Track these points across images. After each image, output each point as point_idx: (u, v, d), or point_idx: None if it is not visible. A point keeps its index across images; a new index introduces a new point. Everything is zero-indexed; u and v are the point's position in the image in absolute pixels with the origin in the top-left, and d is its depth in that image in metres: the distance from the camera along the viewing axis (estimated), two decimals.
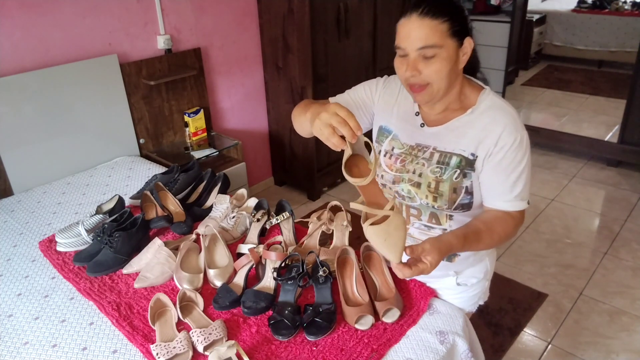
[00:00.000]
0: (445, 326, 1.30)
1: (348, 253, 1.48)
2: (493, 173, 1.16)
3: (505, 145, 1.12)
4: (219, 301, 1.38)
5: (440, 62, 1.09)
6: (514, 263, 2.63)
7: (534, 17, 5.00)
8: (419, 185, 1.22)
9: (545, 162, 3.72)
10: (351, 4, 3.02)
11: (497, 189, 1.17)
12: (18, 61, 2.14)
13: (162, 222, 1.75)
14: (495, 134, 1.13)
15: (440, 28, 1.07)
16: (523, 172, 1.15)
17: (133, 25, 2.48)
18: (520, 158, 1.14)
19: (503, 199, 1.17)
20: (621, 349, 2.08)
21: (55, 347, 1.32)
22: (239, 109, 3.16)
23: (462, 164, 1.18)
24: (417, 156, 1.23)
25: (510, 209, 1.17)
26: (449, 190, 1.19)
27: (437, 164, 1.20)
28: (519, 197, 1.16)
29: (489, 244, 1.16)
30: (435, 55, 1.08)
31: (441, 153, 1.20)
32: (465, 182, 1.19)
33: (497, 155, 1.13)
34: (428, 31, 1.07)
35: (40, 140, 2.25)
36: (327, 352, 1.22)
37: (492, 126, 1.14)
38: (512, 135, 1.12)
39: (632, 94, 3.32)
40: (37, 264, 1.67)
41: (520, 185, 1.15)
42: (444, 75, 1.10)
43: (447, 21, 1.07)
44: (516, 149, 1.13)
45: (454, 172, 1.18)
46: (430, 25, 1.06)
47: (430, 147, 1.22)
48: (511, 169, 1.14)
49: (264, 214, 1.76)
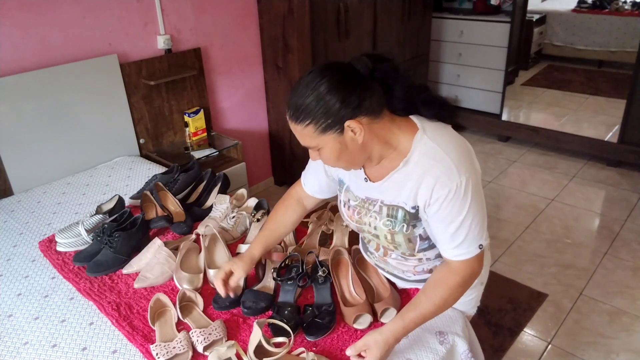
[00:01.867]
0: (445, 326, 1.30)
1: (341, 254, 1.48)
2: (433, 223, 1.11)
3: (439, 198, 1.06)
4: (219, 301, 1.39)
5: (327, 151, 1.08)
6: (514, 263, 2.63)
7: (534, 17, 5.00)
8: (378, 237, 1.23)
9: (545, 162, 3.72)
10: (351, 4, 3.02)
11: (439, 239, 1.13)
12: (18, 61, 2.14)
13: (162, 222, 1.75)
14: (428, 187, 1.07)
15: (307, 132, 1.05)
16: (465, 220, 1.07)
17: (133, 25, 2.48)
18: (459, 208, 1.06)
19: (445, 248, 1.13)
20: (621, 349, 2.08)
21: (55, 347, 1.32)
22: (239, 109, 3.16)
23: (407, 218, 1.15)
24: (369, 209, 1.22)
25: (454, 259, 1.12)
26: (405, 241, 1.19)
27: (388, 217, 1.18)
28: (463, 247, 1.10)
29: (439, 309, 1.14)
30: (320, 149, 1.08)
31: (388, 206, 1.17)
32: (417, 231, 1.17)
33: (433, 207, 1.08)
34: (299, 135, 1.07)
35: (40, 140, 2.25)
36: (326, 352, 1.22)
37: (424, 177, 1.08)
38: (445, 186, 1.05)
39: (632, 94, 3.31)
40: (37, 264, 1.67)
41: (462, 235, 1.09)
42: (339, 159, 1.09)
43: (309, 124, 1.03)
44: (452, 200, 1.06)
45: (402, 226, 1.16)
46: (297, 129, 1.06)
47: (377, 200, 1.19)
48: (449, 220, 1.08)
49: (264, 214, 1.76)
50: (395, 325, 1.11)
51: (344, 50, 3.10)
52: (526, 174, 3.56)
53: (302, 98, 1.03)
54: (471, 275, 1.14)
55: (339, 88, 1.01)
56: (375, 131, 1.08)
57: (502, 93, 3.95)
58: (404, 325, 1.12)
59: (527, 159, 3.79)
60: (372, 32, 3.27)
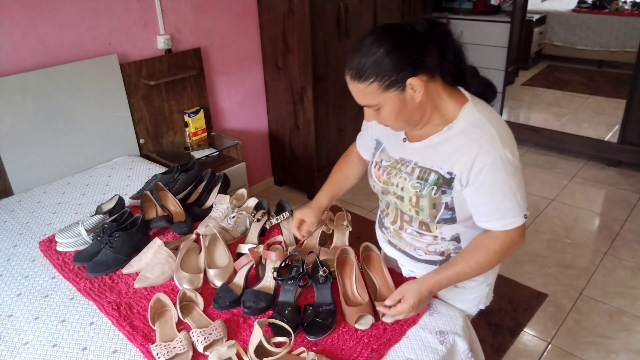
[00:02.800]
0: (445, 326, 1.30)
1: (348, 253, 1.48)
2: (476, 195, 1.13)
3: (483, 167, 1.09)
4: (219, 301, 1.39)
5: (386, 112, 1.11)
6: (514, 263, 2.63)
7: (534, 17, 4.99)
8: (402, 199, 1.24)
9: (545, 162, 3.72)
10: (351, 4, 3.02)
11: (483, 210, 1.15)
12: (18, 61, 2.14)
13: (162, 222, 1.75)
14: (471, 156, 1.10)
15: (370, 90, 1.07)
16: (511, 190, 1.10)
17: (133, 25, 2.48)
18: (503, 177, 1.09)
19: (490, 220, 1.15)
20: (621, 349, 2.08)
21: (55, 347, 1.32)
22: (239, 109, 3.16)
23: (440, 182, 1.16)
24: (401, 170, 1.24)
25: (499, 229, 1.15)
26: (429, 206, 1.19)
27: (417, 179, 1.20)
28: (508, 217, 1.13)
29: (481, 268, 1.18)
30: (380, 108, 1.11)
31: (421, 169, 1.20)
32: (445, 199, 1.17)
33: (477, 177, 1.10)
34: (361, 93, 1.10)
35: (40, 140, 2.25)
36: (327, 352, 1.22)
37: (468, 146, 1.10)
38: (489, 156, 1.08)
39: (632, 94, 3.31)
40: (37, 264, 1.67)
41: (508, 204, 1.11)
42: (398, 118, 1.12)
43: (374, 82, 1.06)
44: (497, 169, 1.08)
45: (431, 189, 1.17)
46: (359, 88, 1.09)
47: (412, 162, 1.22)
48: (494, 190, 1.10)
49: (264, 214, 1.76)
50: (430, 278, 1.14)
51: (344, 50, 3.10)
52: (526, 174, 3.56)
53: (365, 57, 1.05)
54: (510, 244, 1.17)
55: (401, 46, 1.05)
56: (429, 93, 1.12)
57: (502, 93, 3.95)
58: (438, 280, 1.15)
59: (527, 159, 3.79)
60: None
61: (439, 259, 1.31)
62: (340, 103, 3.23)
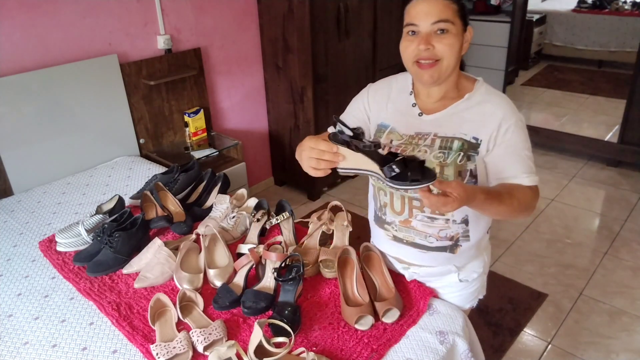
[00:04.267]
0: (445, 326, 1.30)
1: (349, 253, 1.48)
2: (506, 154, 1.19)
3: (510, 127, 1.18)
4: (219, 301, 1.38)
5: (452, 37, 1.15)
6: (514, 263, 2.63)
7: (534, 17, 5.00)
8: None
9: (545, 162, 3.72)
10: (351, 4, 3.02)
11: (513, 169, 1.19)
12: (18, 61, 2.14)
13: (162, 222, 1.75)
14: (497, 118, 1.18)
15: (452, 7, 1.15)
16: (529, 149, 1.21)
17: (133, 25, 2.48)
18: (524, 136, 1.20)
19: (520, 176, 1.19)
20: (621, 349, 2.08)
21: (55, 347, 1.32)
22: (239, 109, 3.16)
23: (465, 147, 1.20)
24: (418, 144, 1.25)
25: (528, 184, 1.19)
26: (454, 174, 1.21)
27: (440, 149, 1.22)
28: (533, 172, 1.20)
29: (508, 207, 1.15)
30: (448, 30, 1.15)
31: (442, 138, 1.22)
32: (470, 165, 1.21)
33: (504, 137, 1.18)
34: (442, 7, 1.14)
35: (40, 140, 2.25)
36: (327, 352, 1.22)
37: (493, 110, 1.19)
38: (513, 116, 1.19)
39: (632, 94, 3.31)
40: (37, 264, 1.67)
41: (531, 160, 1.21)
42: (455, 51, 1.17)
43: (455, 3, 1.15)
44: (519, 129, 1.19)
45: (457, 155, 1.20)
46: (443, 3, 1.14)
47: (430, 134, 1.24)
48: (521, 147, 1.19)
49: (264, 214, 1.76)
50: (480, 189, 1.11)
51: (344, 50, 3.10)
52: None
53: None
54: (536, 200, 1.22)
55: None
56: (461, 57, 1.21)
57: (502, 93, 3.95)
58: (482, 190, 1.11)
59: None
60: (372, 32, 3.27)
61: (449, 244, 1.31)
62: (340, 103, 3.21)
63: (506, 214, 1.19)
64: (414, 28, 1.16)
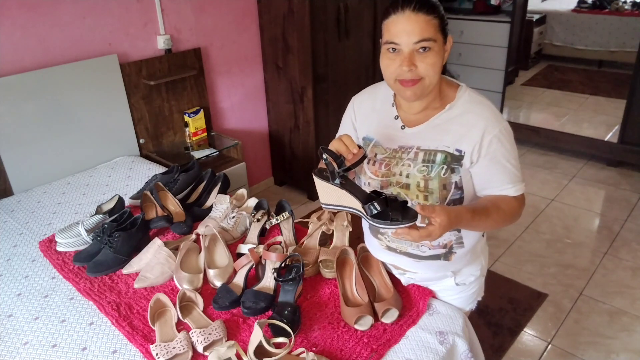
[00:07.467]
0: (444, 326, 1.30)
1: (348, 253, 1.48)
2: (490, 166, 1.18)
3: (493, 139, 1.15)
4: (219, 301, 1.39)
5: (434, 56, 1.12)
6: (514, 263, 2.63)
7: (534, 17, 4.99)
8: (408, 187, 1.23)
9: (545, 162, 3.72)
10: (351, 4, 3.02)
11: (499, 180, 1.19)
12: (18, 61, 2.14)
13: (162, 222, 1.75)
14: (479, 129, 1.16)
15: (433, 23, 1.11)
16: (514, 158, 1.19)
17: (133, 25, 2.48)
18: (510, 145, 1.18)
19: (506, 188, 1.19)
20: (621, 349, 2.08)
21: (55, 347, 1.32)
22: (239, 109, 3.16)
23: (448, 160, 1.19)
24: (402, 158, 1.24)
25: (514, 194, 1.19)
26: (439, 187, 1.19)
27: (423, 163, 1.21)
28: (518, 182, 1.20)
29: (495, 220, 1.17)
30: (431, 48, 1.11)
31: (425, 151, 1.21)
32: (454, 178, 1.19)
33: (488, 149, 1.16)
34: (424, 25, 1.10)
35: (40, 140, 2.25)
36: (327, 352, 1.22)
37: (475, 120, 1.17)
38: (496, 126, 1.16)
39: (632, 94, 3.31)
40: (37, 264, 1.67)
41: (516, 171, 1.19)
42: (437, 68, 1.14)
43: (437, 17, 1.11)
44: (505, 138, 1.16)
45: (441, 169, 1.19)
46: (424, 19, 1.10)
47: (413, 147, 1.23)
48: (506, 157, 1.17)
49: (264, 214, 1.76)
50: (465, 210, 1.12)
51: (344, 50, 3.10)
52: (526, 174, 3.56)
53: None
54: (522, 208, 1.23)
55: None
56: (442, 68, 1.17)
57: (502, 93, 3.95)
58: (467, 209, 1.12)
59: (527, 159, 3.79)
60: (372, 32, 3.27)
61: (443, 252, 1.30)
62: (340, 103, 3.22)
63: (494, 227, 1.21)
64: (394, 46, 1.13)
